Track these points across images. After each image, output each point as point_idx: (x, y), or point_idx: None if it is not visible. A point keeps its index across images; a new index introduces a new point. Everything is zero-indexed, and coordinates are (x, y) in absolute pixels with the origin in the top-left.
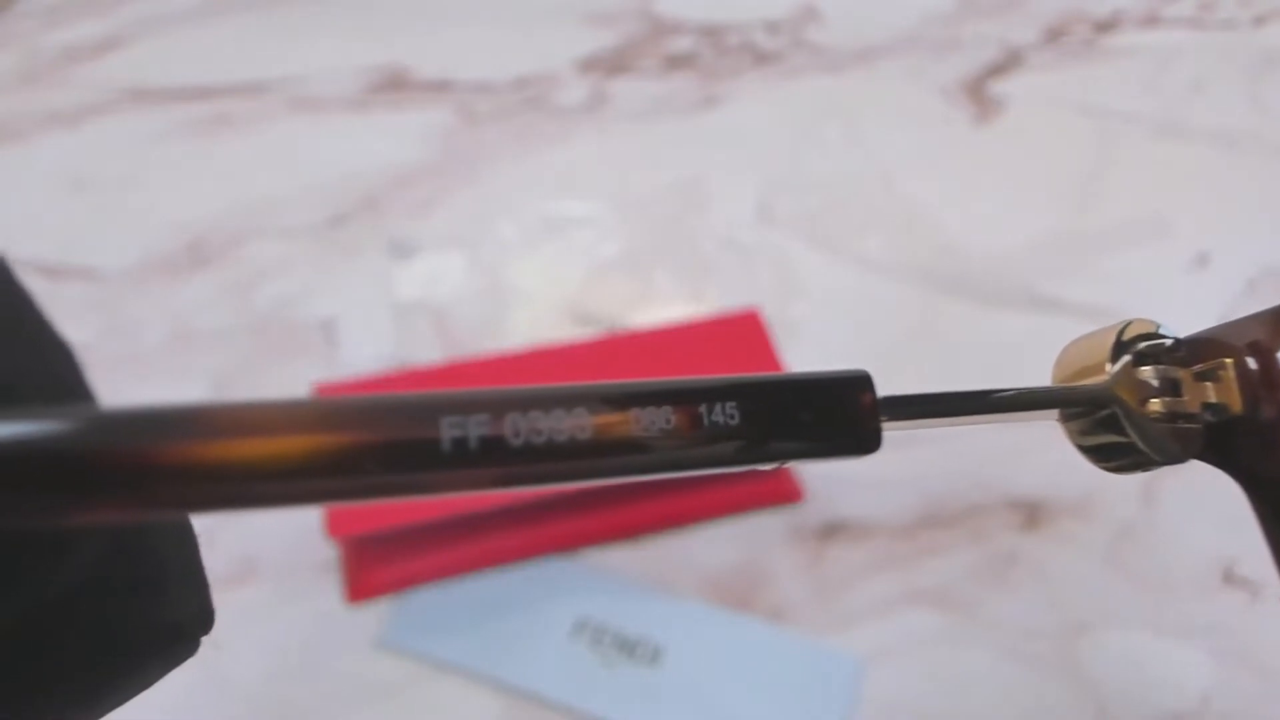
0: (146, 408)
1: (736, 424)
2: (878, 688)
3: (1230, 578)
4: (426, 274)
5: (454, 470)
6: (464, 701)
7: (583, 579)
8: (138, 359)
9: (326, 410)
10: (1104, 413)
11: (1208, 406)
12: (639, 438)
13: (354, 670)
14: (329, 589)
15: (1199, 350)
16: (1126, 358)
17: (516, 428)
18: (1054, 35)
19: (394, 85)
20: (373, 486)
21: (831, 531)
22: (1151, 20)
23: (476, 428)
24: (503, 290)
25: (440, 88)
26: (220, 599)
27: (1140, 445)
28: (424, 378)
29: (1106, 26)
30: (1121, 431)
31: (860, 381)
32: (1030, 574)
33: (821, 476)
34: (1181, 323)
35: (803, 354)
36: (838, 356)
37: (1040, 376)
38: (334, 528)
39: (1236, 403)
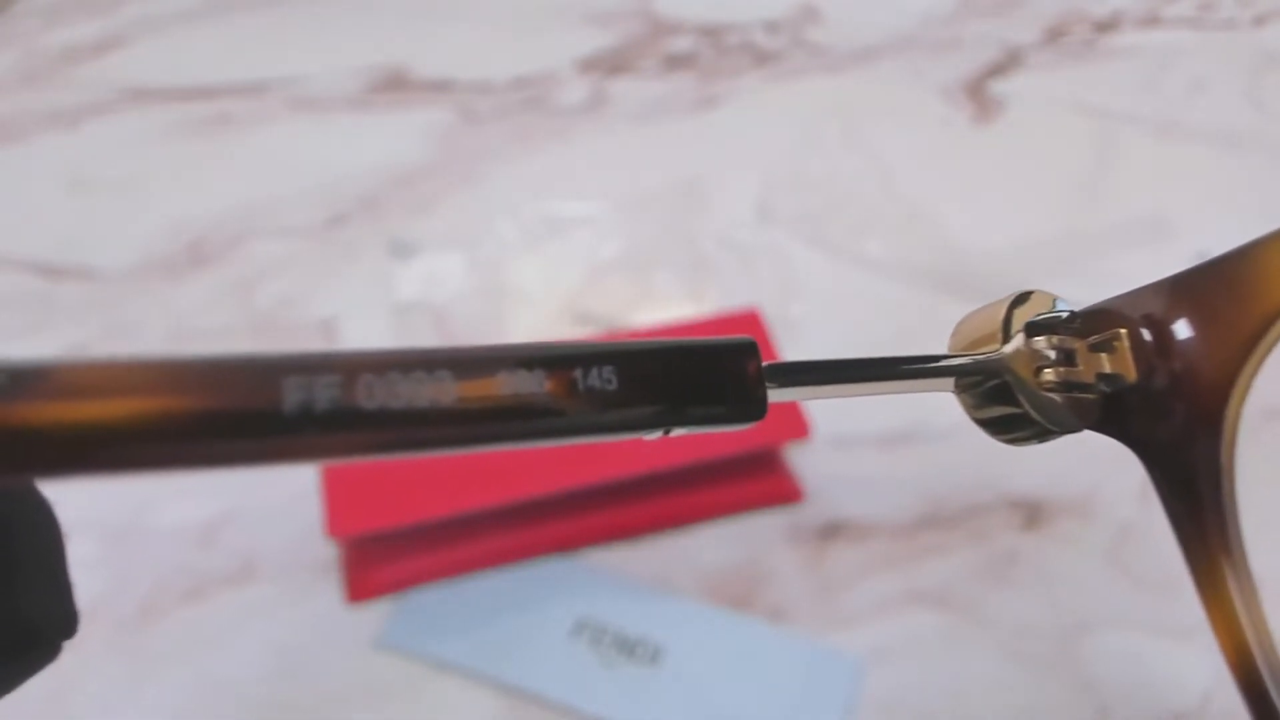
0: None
1: (614, 389)
2: (878, 688)
3: None
4: (426, 274)
5: (297, 436)
6: (464, 701)
7: (583, 579)
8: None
9: (162, 370)
10: (995, 382)
11: (1103, 377)
12: (508, 404)
13: (354, 670)
14: (329, 589)
15: (1094, 321)
16: (1020, 329)
17: (371, 390)
18: (1054, 35)
19: (394, 85)
20: (210, 454)
21: (831, 531)
22: (1151, 20)
23: (325, 389)
24: (503, 290)
25: (440, 88)
26: (220, 599)
27: (1033, 415)
28: None
29: (1106, 26)
30: (1015, 402)
31: (745, 348)
32: (1030, 574)
33: (821, 476)
34: None
35: (803, 353)
36: (837, 354)
37: None
38: (334, 528)
39: (1131, 372)
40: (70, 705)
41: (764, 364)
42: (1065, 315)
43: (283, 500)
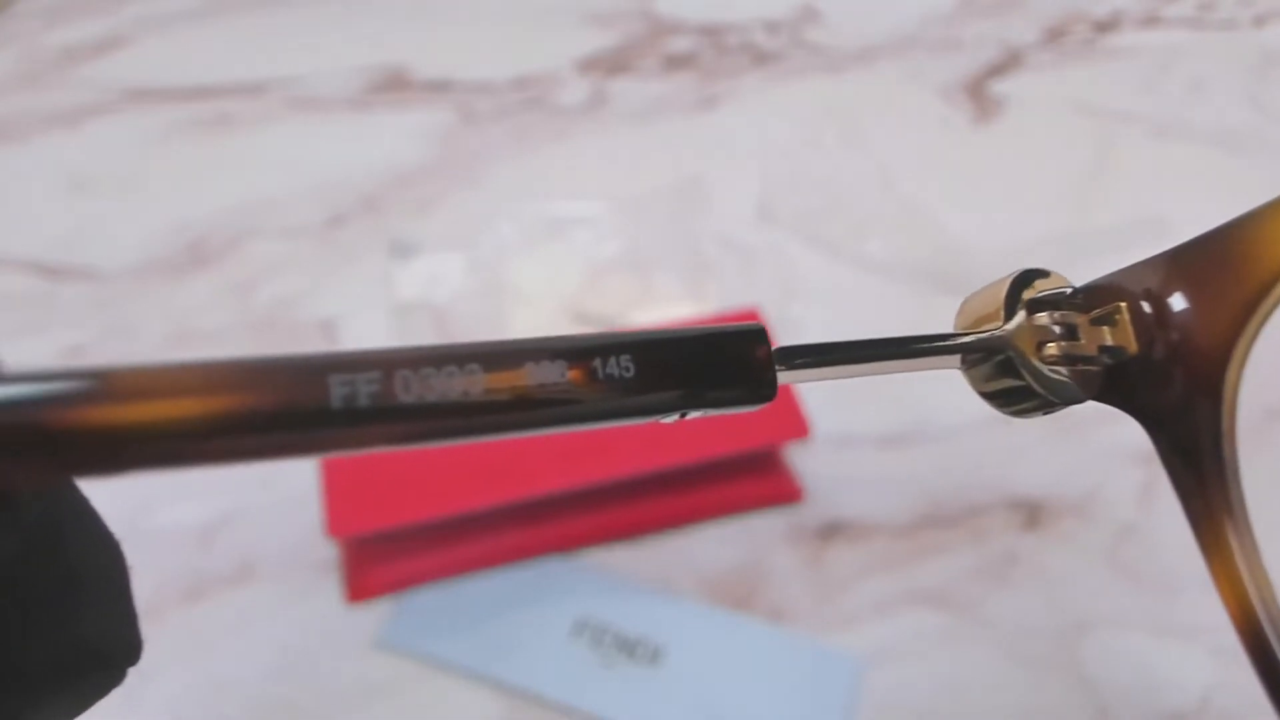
0: (35, 372)
1: (631, 377)
2: (878, 688)
3: None
4: (426, 274)
5: (344, 429)
6: (464, 701)
7: (583, 579)
8: (138, 359)
9: (221, 373)
10: (999, 357)
11: (1105, 349)
12: (533, 394)
13: (354, 670)
14: (329, 589)
15: (1095, 296)
16: (1022, 305)
17: (408, 385)
18: (1054, 35)
19: (394, 85)
20: (266, 448)
21: (831, 531)
22: (1151, 20)
23: (366, 385)
24: (503, 290)
25: (440, 88)
26: (219, 599)
27: (1036, 388)
28: None
29: (1106, 26)
30: (1019, 376)
31: (755, 334)
32: (1030, 574)
33: (821, 476)
34: None
35: None
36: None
37: None
38: (334, 528)
39: (1132, 344)
40: None
41: (773, 347)
42: (1067, 291)
43: (283, 500)
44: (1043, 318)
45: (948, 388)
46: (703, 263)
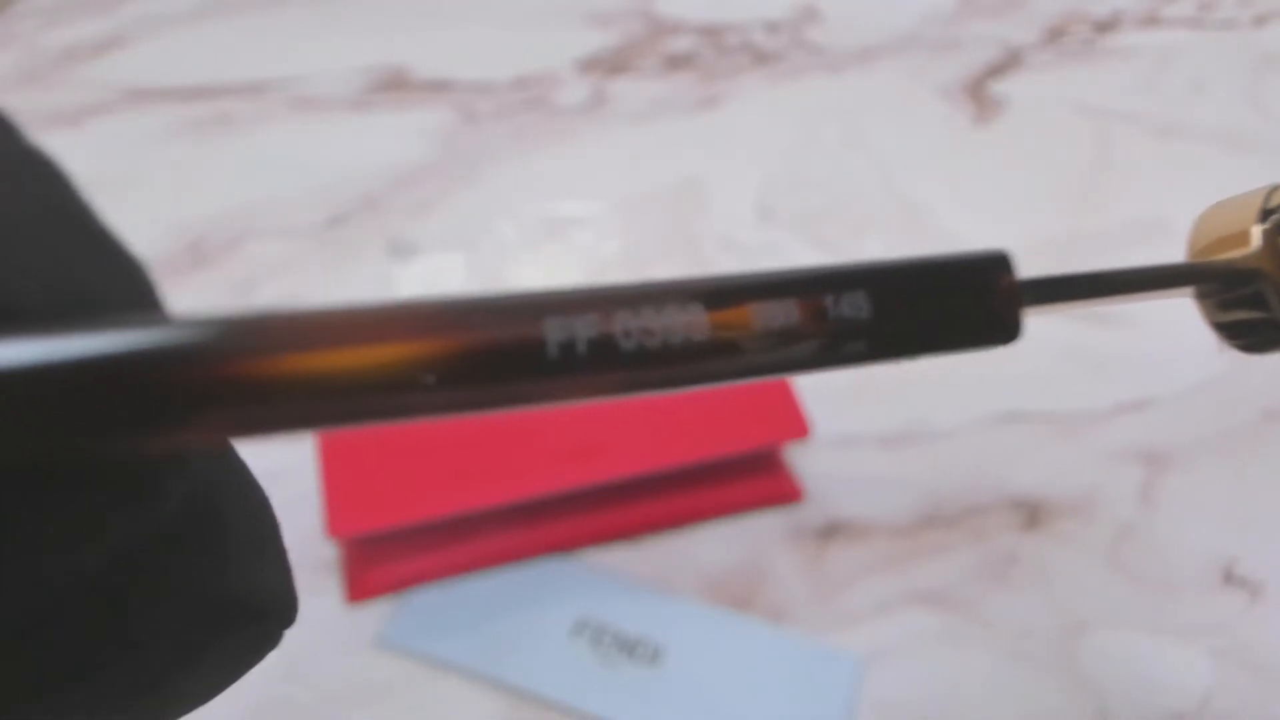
0: (253, 315)
1: (865, 317)
2: (878, 688)
3: (1230, 578)
4: (426, 274)
5: (561, 378)
6: (464, 701)
7: (583, 579)
8: None
9: (418, 314)
10: (1248, 290)
11: None
12: (758, 336)
13: (354, 670)
14: (329, 589)
15: None
16: (1269, 226)
17: (627, 328)
18: (1054, 35)
19: (394, 85)
20: (470, 400)
21: (831, 531)
22: (1151, 20)
23: (584, 329)
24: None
25: (440, 88)
26: None
27: None
28: None
29: (1106, 26)
30: (1264, 307)
31: (998, 262)
32: (1030, 574)
33: (821, 476)
34: (1182, 322)
35: None
36: None
37: (1044, 376)
38: (334, 528)
39: None
40: None
41: (1018, 280)
42: None
43: (283, 500)
44: None
45: (948, 388)
46: (702, 262)
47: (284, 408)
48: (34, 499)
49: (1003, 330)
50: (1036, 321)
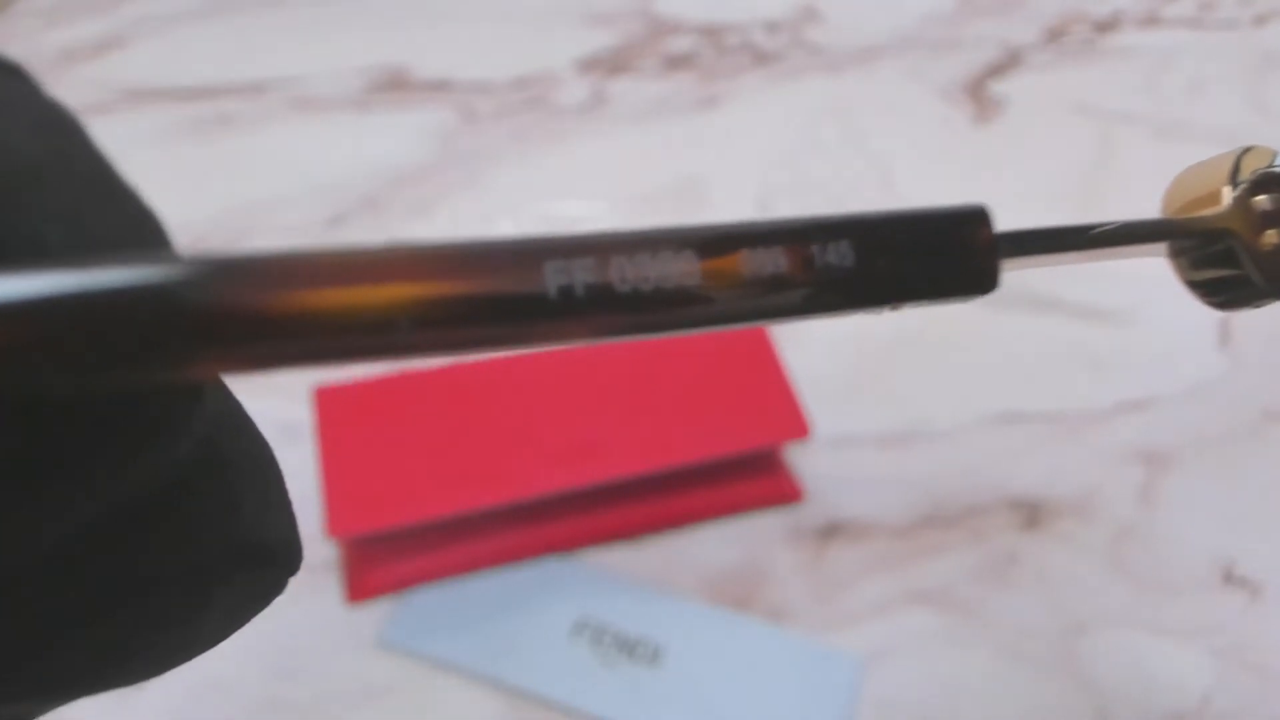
0: (257, 255)
1: (850, 265)
2: (878, 688)
3: (1230, 578)
4: None
5: (559, 320)
6: (464, 701)
7: (583, 579)
8: None
9: (423, 257)
10: (1219, 247)
11: None
12: (748, 283)
13: (354, 670)
14: (329, 589)
15: None
16: (1241, 187)
17: (623, 273)
18: (1054, 35)
19: (394, 85)
20: (470, 339)
21: (831, 531)
22: (1151, 20)
23: (582, 273)
24: None
25: (440, 88)
26: None
27: (1255, 279)
28: (425, 380)
29: (1106, 26)
30: (1235, 264)
31: (976, 216)
32: (1030, 574)
33: (821, 476)
34: (1183, 323)
35: (803, 353)
36: (837, 354)
37: (1044, 376)
38: (334, 528)
39: None
40: (70, 705)
41: (996, 233)
42: None
43: None
44: (1261, 201)
45: (948, 388)
46: None
47: (285, 344)
48: (57, 434)
49: (981, 281)
50: (1037, 321)
